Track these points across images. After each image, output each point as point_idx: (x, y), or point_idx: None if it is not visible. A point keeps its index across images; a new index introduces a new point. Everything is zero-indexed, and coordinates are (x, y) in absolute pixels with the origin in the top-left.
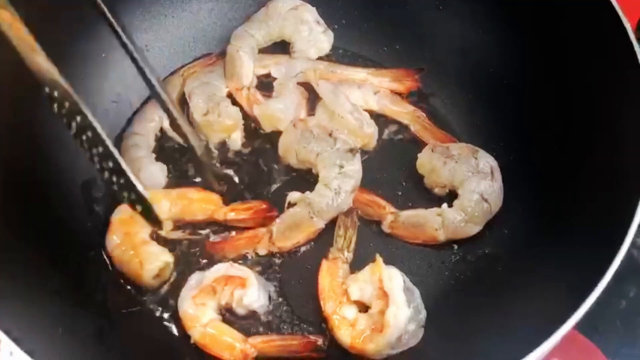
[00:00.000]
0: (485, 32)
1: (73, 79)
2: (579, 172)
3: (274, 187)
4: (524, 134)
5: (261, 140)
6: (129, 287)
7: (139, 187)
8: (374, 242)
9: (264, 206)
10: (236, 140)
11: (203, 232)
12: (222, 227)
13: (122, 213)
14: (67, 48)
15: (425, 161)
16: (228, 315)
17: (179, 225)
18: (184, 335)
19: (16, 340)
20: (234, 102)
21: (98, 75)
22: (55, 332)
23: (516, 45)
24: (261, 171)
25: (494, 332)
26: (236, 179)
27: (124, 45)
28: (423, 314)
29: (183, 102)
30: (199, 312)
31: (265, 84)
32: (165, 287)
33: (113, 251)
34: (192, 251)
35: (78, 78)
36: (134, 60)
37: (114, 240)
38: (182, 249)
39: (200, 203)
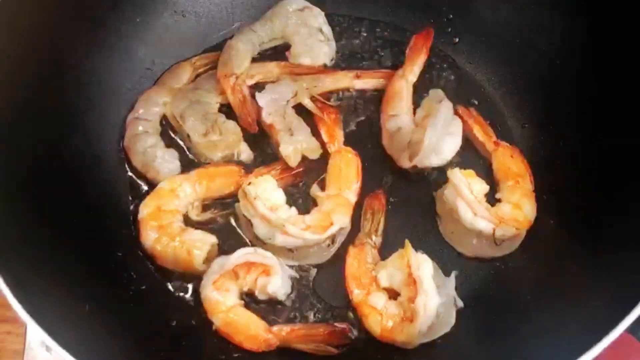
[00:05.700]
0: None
1: (109, 42)
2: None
3: None
4: (576, 119)
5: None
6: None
7: None
8: (410, 228)
9: (287, 165)
10: (245, 151)
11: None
12: None
13: (148, 208)
14: (104, 10)
15: None
16: (249, 300)
17: (206, 204)
18: (206, 320)
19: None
20: (228, 116)
21: (133, 39)
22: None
23: (572, 24)
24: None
25: (535, 333)
26: None
27: None
28: (458, 303)
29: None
30: (221, 297)
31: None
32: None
33: (154, 247)
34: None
35: (113, 41)
36: None
37: (152, 236)
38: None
39: (223, 177)
